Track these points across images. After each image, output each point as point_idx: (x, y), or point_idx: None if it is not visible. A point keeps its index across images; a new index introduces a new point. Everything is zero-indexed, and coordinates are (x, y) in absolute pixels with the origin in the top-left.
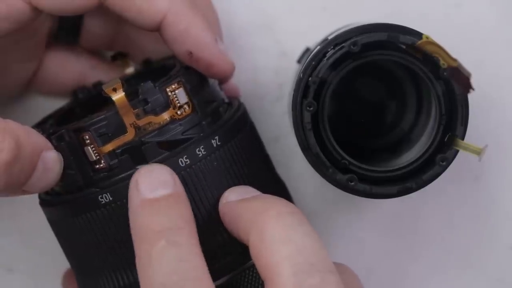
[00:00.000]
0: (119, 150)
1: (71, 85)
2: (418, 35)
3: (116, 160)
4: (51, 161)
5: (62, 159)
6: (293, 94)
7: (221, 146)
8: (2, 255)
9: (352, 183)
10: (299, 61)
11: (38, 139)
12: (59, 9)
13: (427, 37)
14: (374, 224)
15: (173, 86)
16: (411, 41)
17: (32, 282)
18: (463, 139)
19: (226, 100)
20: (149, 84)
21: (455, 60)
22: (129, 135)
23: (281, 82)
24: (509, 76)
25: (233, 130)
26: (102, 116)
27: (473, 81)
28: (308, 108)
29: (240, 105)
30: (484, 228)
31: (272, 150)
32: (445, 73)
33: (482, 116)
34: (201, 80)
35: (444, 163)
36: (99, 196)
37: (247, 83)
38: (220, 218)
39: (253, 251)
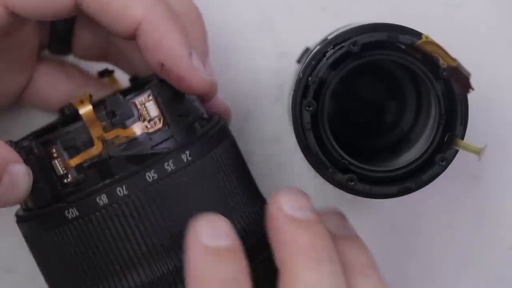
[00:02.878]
0: (86, 164)
1: (60, 102)
2: (418, 35)
3: (82, 174)
4: (19, 175)
5: (31, 173)
6: (293, 94)
7: (192, 161)
8: (2, 255)
9: (352, 183)
10: (298, 61)
11: (5, 151)
12: (35, 13)
13: (426, 37)
14: (374, 224)
15: (143, 99)
16: (410, 41)
17: (31, 282)
18: (462, 139)
19: (205, 116)
20: (118, 96)
21: (454, 60)
22: (96, 149)
23: (281, 82)
24: (509, 76)
25: (207, 145)
26: (69, 129)
27: (473, 81)
28: (307, 108)
29: (219, 120)
30: (484, 228)
31: (272, 150)
32: (444, 73)
33: (482, 116)
34: (176, 94)
35: (443, 163)
36: (66, 211)
37: (247, 83)
38: (181, 239)
39: (282, 284)
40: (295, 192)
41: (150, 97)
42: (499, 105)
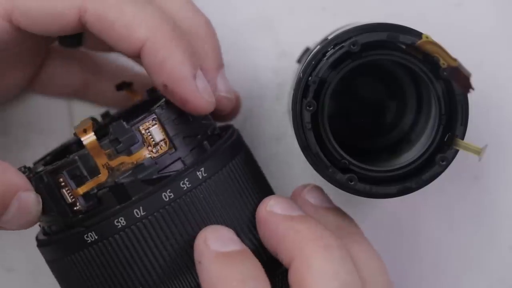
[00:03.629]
0: (94, 191)
1: (74, 89)
2: (418, 35)
3: (91, 202)
4: (28, 202)
5: (40, 201)
6: (293, 94)
7: (208, 177)
8: (2, 255)
9: (352, 183)
10: (299, 61)
11: (15, 178)
12: (39, 30)
13: (427, 37)
14: (374, 224)
15: (146, 124)
16: (411, 41)
17: (32, 282)
18: (463, 139)
19: (217, 131)
20: (120, 123)
21: (455, 60)
22: (102, 176)
23: (281, 82)
24: (509, 76)
25: (219, 162)
26: (74, 158)
27: (473, 81)
28: (308, 107)
29: (232, 134)
30: (484, 228)
31: (272, 150)
32: (445, 73)
33: (482, 116)
34: (182, 114)
35: (444, 163)
36: (85, 235)
37: (247, 83)
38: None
39: (295, 277)
40: (282, 198)
41: (155, 121)
42: (499, 105)
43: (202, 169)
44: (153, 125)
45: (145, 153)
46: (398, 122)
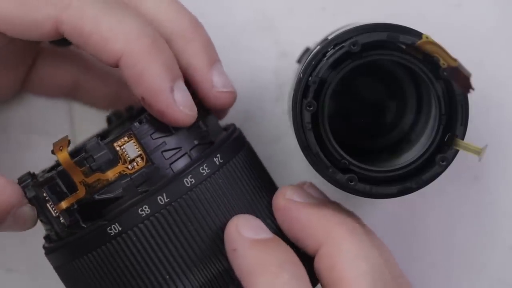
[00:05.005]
0: (74, 207)
1: (65, 89)
2: (418, 35)
3: (73, 217)
4: (22, 215)
5: (35, 213)
6: (293, 94)
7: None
8: (2, 255)
9: (352, 183)
10: (299, 61)
11: (12, 195)
12: (20, 36)
13: (427, 37)
14: (374, 224)
15: (122, 141)
16: (411, 41)
17: (32, 282)
18: (463, 139)
19: (208, 139)
20: (94, 140)
21: (455, 60)
22: (80, 193)
23: (281, 82)
24: (509, 76)
25: (224, 155)
26: (52, 175)
27: (473, 81)
28: (308, 108)
29: (234, 130)
30: (484, 228)
31: (272, 150)
32: (445, 73)
33: (482, 116)
34: (162, 128)
35: (444, 163)
36: (108, 228)
37: (247, 83)
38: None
39: (324, 262)
40: (298, 187)
41: (131, 137)
42: (499, 105)
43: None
44: (128, 141)
45: (120, 170)
46: (398, 122)
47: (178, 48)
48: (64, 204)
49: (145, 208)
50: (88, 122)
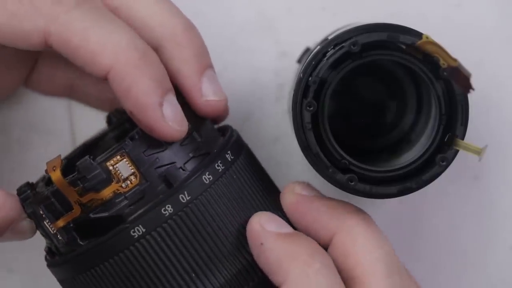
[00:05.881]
0: (70, 225)
1: (62, 88)
2: (418, 35)
3: (70, 235)
4: (21, 229)
5: (34, 227)
6: (293, 94)
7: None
8: (2, 255)
9: (352, 183)
10: (299, 61)
11: (12, 209)
12: (11, 44)
13: (427, 37)
14: None
15: (114, 160)
16: (411, 41)
17: (32, 282)
18: (463, 139)
19: (202, 151)
20: (87, 160)
21: (455, 60)
22: (76, 212)
23: (281, 82)
24: (509, 76)
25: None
26: (47, 194)
27: (473, 81)
28: (308, 108)
29: (232, 133)
30: (484, 228)
31: (272, 151)
32: (445, 73)
33: (482, 116)
34: (155, 143)
35: (444, 163)
36: (131, 231)
37: (247, 83)
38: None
39: (339, 250)
40: (303, 182)
41: (123, 156)
42: (499, 105)
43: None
44: (121, 160)
45: (114, 189)
46: (398, 122)
47: (168, 54)
48: (60, 223)
49: (168, 207)
50: (88, 122)
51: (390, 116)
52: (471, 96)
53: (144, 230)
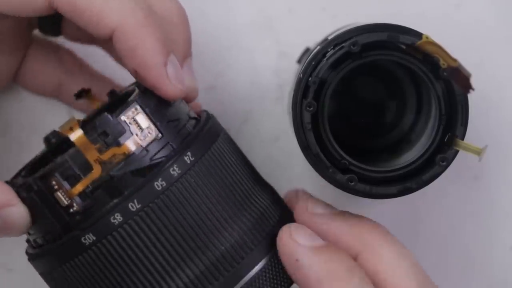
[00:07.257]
0: (89, 189)
1: (51, 86)
2: (418, 35)
3: (89, 200)
4: (11, 217)
5: (27, 213)
6: (293, 94)
7: (195, 161)
8: (2, 255)
9: (352, 183)
10: (299, 61)
11: (2, 195)
12: (13, 11)
13: (427, 37)
14: None
15: (130, 113)
16: (411, 41)
17: (32, 282)
18: (463, 139)
19: (193, 115)
20: (105, 115)
21: (455, 60)
22: (96, 172)
23: (281, 82)
24: (509, 76)
25: (204, 143)
26: (65, 158)
27: (473, 81)
28: (308, 108)
29: (209, 117)
30: (484, 228)
31: (272, 150)
32: (445, 73)
33: (482, 116)
34: (161, 100)
35: (444, 163)
36: (82, 238)
37: (247, 83)
38: (207, 237)
39: (367, 268)
40: (316, 199)
41: (138, 109)
42: (499, 105)
43: (189, 153)
44: (137, 114)
45: (134, 142)
46: (398, 122)
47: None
48: (79, 188)
49: (117, 216)
50: None
51: (390, 116)
52: (471, 96)
53: (94, 238)
